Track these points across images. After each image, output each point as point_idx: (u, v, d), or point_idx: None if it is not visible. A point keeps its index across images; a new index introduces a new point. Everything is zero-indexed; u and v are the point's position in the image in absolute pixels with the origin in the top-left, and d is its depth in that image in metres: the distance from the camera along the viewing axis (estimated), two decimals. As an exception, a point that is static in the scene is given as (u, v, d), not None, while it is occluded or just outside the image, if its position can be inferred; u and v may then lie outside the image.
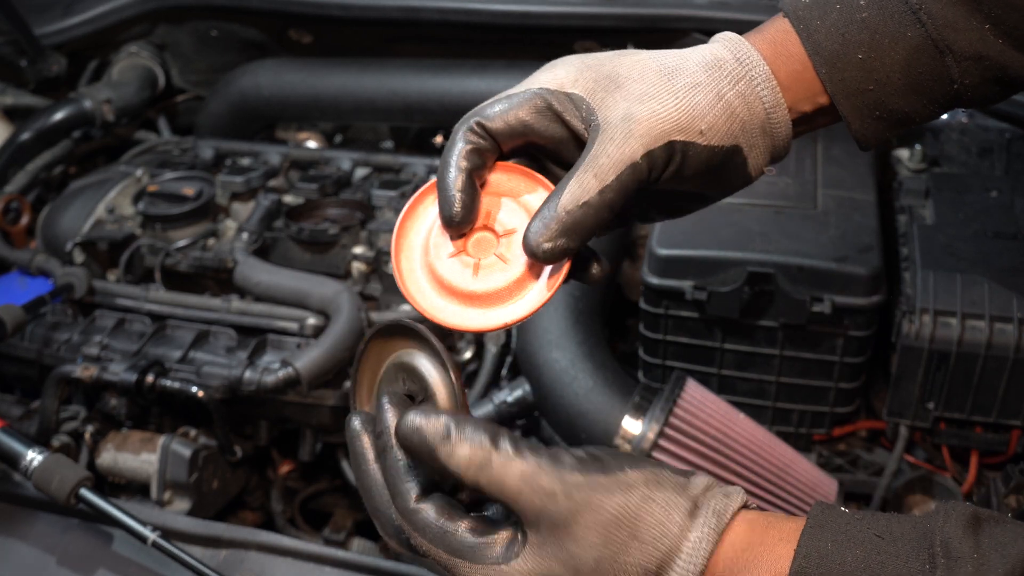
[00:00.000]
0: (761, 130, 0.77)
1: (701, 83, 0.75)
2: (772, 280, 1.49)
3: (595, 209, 0.71)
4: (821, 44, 0.77)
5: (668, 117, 0.73)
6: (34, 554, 1.30)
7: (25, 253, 1.89)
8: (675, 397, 1.46)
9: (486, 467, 0.67)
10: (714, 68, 0.76)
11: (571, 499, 0.66)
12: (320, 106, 2.24)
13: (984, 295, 1.44)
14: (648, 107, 0.74)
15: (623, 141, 0.72)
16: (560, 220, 0.71)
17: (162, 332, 1.70)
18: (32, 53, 2.25)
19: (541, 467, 0.67)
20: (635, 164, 0.72)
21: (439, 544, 0.69)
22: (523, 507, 0.67)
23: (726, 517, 0.68)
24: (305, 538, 1.67)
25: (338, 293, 1.67)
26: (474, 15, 2.06)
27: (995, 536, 0.63)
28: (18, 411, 1.64)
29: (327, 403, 1.62)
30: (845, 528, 0.65)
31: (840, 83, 0.77)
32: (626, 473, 0.68)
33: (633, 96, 0.74)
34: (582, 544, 0.66)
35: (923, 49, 0.76)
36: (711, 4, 1.91)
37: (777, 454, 1.47)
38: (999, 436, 1.50)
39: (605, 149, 0.72)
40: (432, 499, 0.70)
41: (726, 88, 0.76)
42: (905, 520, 0.66)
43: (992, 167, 1.76)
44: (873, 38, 0.76)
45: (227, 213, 1.97)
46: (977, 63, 0.76)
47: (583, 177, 0.72)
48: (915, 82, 0.77)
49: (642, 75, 0.75)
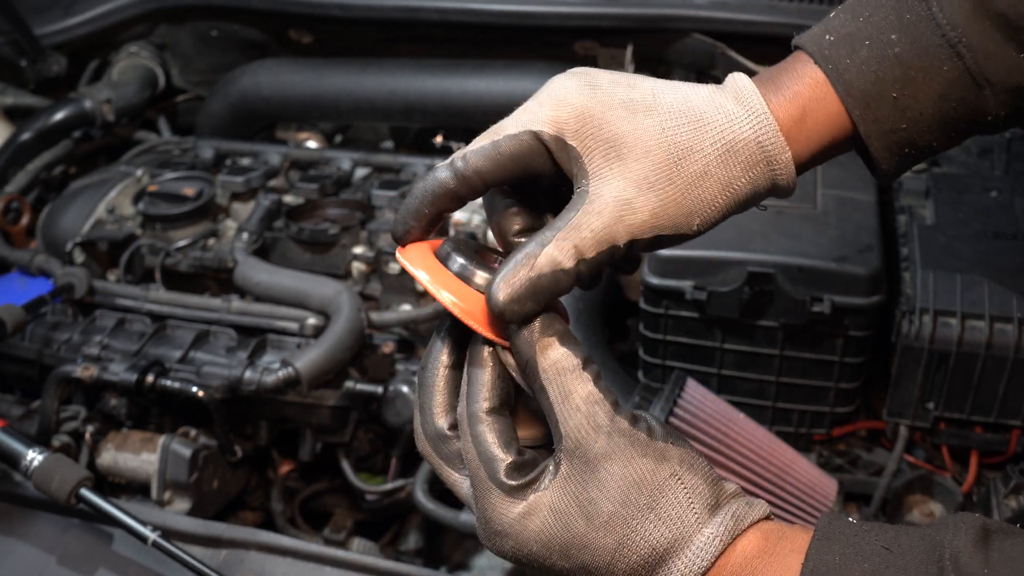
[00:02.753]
0: (761, 199, 0.75)
1: (710, 172, 0.70)
2: (772, 280, 1.49)
3: (567, 278, 0.69)
4: (853, 84, 0.72)
5: (664, 214, 0.70)
6: (34, 554, 1.30)
7: (25, 253, 1.89)
8: (675, 397, 1.46)
9: (565, 375, 0.68)
10: (730, 154, 0.70)
11: (611, 441, 0.67)
12: (320, 106, 2.24)
13: (984, 295, 1.44)
14: (646, 199, 0.69)
15: (612, 223, 0.69)
16: (531, 282, 0.68)
17: (162, 332, 1.70)
18: (32, 53, 2.25)
19: (604, 401, 0.68)
20: (616, 249, 0.70)
21: (484, 464, 0.69)
22: (571, 429, 0.67)
23: (744, 523, 0.67)
24: (305, 538, 1.67)
25: (338, 293, 1.67)
26: (474, 15, 2.06)
27: (1005, 551, 0.62)
28: (18, 411, 1.64)
29: (327, 403, 1.62)
30: (853, 540, 0.65)
31: (873, 124, 0.73)
32: (668, 446, 0.68)
33: (632, 177, 0.69)
34: (604, 492, 0.67)
35: (958, 83, 0.72)
36: (711, 4, 1.91)
37: (777, 454, 1.47)
38: (999, 436, 1.50)
39: (590, 223, 0.69)
40: (499, 417, 0.71)
41: (737, 176, 0.71)
42: (913, 532, 0.65)
43: (992, 167, 1.76)
44: (907, 74, 0.72)
45: (227, 213, 1.97)
46: (1014, 95, 0.73)
47: (563, 245, 0.68)
48: (947, 117, 0.74)
49: (647, 154, 0.70)
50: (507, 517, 0.69)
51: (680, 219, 0.71)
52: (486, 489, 0.69)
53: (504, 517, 0.69)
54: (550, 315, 0.70)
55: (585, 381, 0.68)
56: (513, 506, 0.69)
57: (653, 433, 0.68)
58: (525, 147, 0.71)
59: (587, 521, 0.67)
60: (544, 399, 0.69)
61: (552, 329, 0.69)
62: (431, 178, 0.72)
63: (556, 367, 0.68)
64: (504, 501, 0.69)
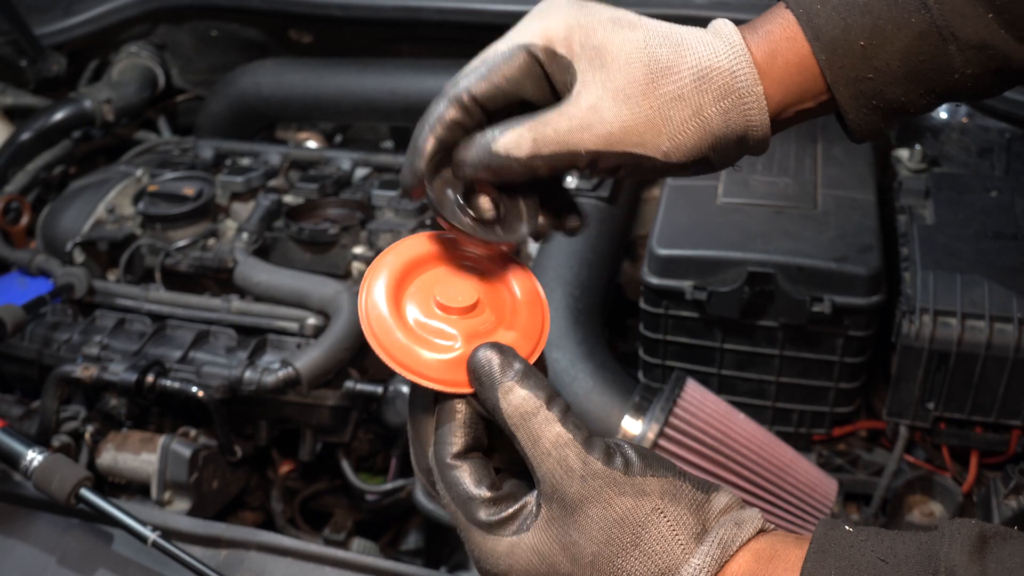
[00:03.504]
0: (736, 143, 0.75)
1: (684, 95, 0.72)
2: (772, 280, 1.49)
3: (519, 166, 0.71)
4: (821, 29, 0.74)
5: (633, 129, 0.71)
6: (34, 554, 1.30)
7: (25, 253, 1.90)
8: (675, 397, 1.45)
9: (530, 419, 0.67)
10: (704, 79, 0.72)
11: (585, 485, 0.66)
12: (320, 106, 2.24)
13: (984, 295, 1.44)
14: (619, 111, 0.71)
15: (578, 128, 0.71)
16: (488, 155, 0.71)
17: (162, 332, 1.70)
18: (32, 53, 2.25)
19: (574, 442, 0.67)
20: (577, 155, 0.71)
21: (460, 507, 0.70)
22: (544, 474, 0.67)
23: (732, 548, 0.66)
24: (305, 538, 1.67)
25: (338, 293, 1.67)
26: (474, 15, 2.07)
27: (1003, 560, 0.61)
28: (18, 411, 1.64)
29: (327, 403, 1.62)
30: (848, 552, 0.64)
31: (840, 70, 0.74)
32: (646, 479, 0.67)
33: (611, 86, 0.71)
34: (585, 535, 0.66)
35: (926, 36, 0.74)
36: (711, 4, 1.91)
37: (777, 454, 1.47)
38: (999, 436, 1.50)
39: (556, 123, 0.71)
40: (469, 459, 0.71)
41: (708, 104, 0.72)
42: (910, 540, 0.64)
43: (992, 167, 1.76)
44: (876, 24, 0.73)
45: (227, 213, 1.97)
46: (980, 52, 0.74)
47: (523, 133, 0.71)
48: (915, 70, 0.75)
49: (628, 64, 0.72)
50: (492, 556, 0.68)
51: (648, 137, 0.72)
52: (467, 529, 0.69)
53: (490, 556, 0.69)
54: (507, 354, 0.69)
55: (551, 423, 0.67)
56: (496, 544, 0.68)
57: (630, 467, 0.67)
58: (517, 64, 0.72)
59: (572, 563, 0.67)
60: (516, 444, 0.68)
61: (511, 370, 0.68)
62: (429, 114, 0.72)
63: (519, 412, 0.67)
64: (487, 539, 0.68)
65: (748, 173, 1.69)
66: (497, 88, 0.71)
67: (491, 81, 0.71)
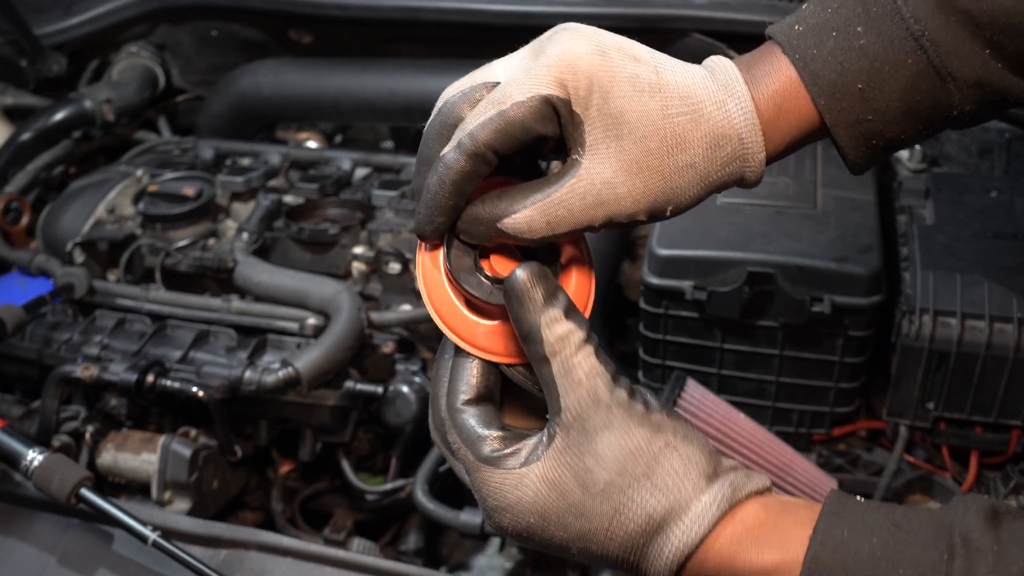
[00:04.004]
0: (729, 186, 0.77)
1: (695, 164, 0.72)
2: (772, 280, 1.49)
3: (532, 240, 0.71)
4: (819, 74, 0.74)
5: (644, 201, 0.72)
6: (34, 554, 1.30)
7: (25, 253, 1.89)
8: (675, 397, 1.45)
9: (569, 348, 0.68)
10: (715, 147, 0.72)
11: (609, 413, 0.68)
12: (320, 106, 2.24)
13: (984, 295, 1.44)
14: (632, 184, 0.71)
15: (592, 207, 0.71)
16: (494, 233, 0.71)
17: (162, 332, 1.70)
18: (32, 53, 2.25)
19: (605, 374, 0.69)
20: (590, 227, 0.72)
21: (469, 446, 0.71)
22: (571, 403, 0.68)
23: (741, 492, 0.68)
24: (305, 538, 1.67)
25: (338, 293, 1.67)
26: (474, 15, 2.06)
27: (1015, 531, 0.63)
28: (18, 411, 1.64)
29: (327, 403, 1.62)
30: (862, 517, 0.66)
31: (839, 114, 0.74)
32: (664, 418, 0.69)
33: (625, 158, 0.70)
34: (600, 462, 0.67)
35: (923, 76, 0.73)
36: (711, 4, 1.91)
37: (777, 454, 1.47)
38: (999, 436, 1.50)
39: (570, 203, 0.70)
40: (480, 405, 0.73)
41: (716, 169, 0.73)
42: (922, 511, 0.66)
43: (992, 167, 1.76)
44: (872, 66, 0.73)
45: (227, 213, 1.97)
46: (978, 90, 0.74)
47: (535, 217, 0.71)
48: (913, 109, 0.75)
49: (644, 139, 0.71)
50: (500, 490, 0.70)
51: (658, 206, 0.73)
52: (476, 468, 0.70)
53: (497, 491, 0.70)
54: (553, 286, 0.70)
55: (588, 355, 0.69)
56: (505, 476, 0.69)
57: (650, 406, 0.70)
58: (535, 113, 0.70)
59: (583, 490, 0.68)
60: (545, 371, 0.69)
61: (557, 300, 0.69)
62: (442, 167, 0.71)
63: (561, 341, 0.68)
64: (495, 475, 0.70)
65: (748, 173, 1.69)
66: (513, 138, 0.70)
67: (508, 133, 0.70)
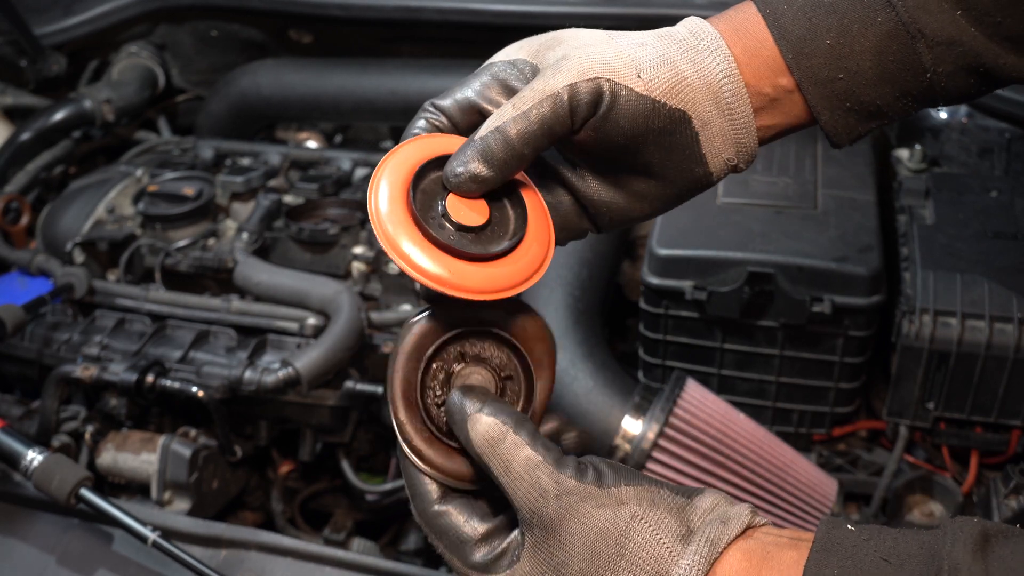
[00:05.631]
0: (715, 104, 0.73)
1: (647, 43, 0.74)
2: (772, 280, 1.49)
3: (510, 138, 0.69)
4: (787, 28, 0.74)
5: (602, 57, 0.71)
6: (34, 554, 1.30)
7: (25, 253, 1.90)
8: (675, 397, 1.46)
9: (498, 445, 0.67)
10: (664, 37, 0.75)
11: (560, 503, 0.66)
12: (320, 106, 2.24)
13: (984, 295, 1.44)
14: (584, 51, 0.72)
15: (550, 76, 0.70)
16: (472, 145, 0.70)
17: (162, 332, 1.70)
18: (32, 53, 2.25)
19: (545, 463, 0.67)
20: (556, 96, 0.69)
21: (455, 553, 0.70)
22: (520, 500, 0.67)
23: (720, 545, 0.65)
24: (305, 538, 1.67)
25: (338, 293, 1.67)
26: (474, 15, 2.06)
27: (1005, 559, 0.61)
28: (18, 411, 1.64)
29: (327, 403, 1.62)
30: (852, 552, 0.63)
31: (808, 70, 0.74)
32: (620, 488, 0.67)
33: (571, 46, 0.73)
34: (569, 553, 0.66)
35: (894, 35, 0.73)
36: (711, 4, 1.91)
37: (777, 454, 1.47)
38: (999, 436, 1.50)
39: (531, 85, 0.71)
40: (452, 502, 0.71)
41: (674, 52, 0.73)
42: (912, 539, 0.64)
43: (992, 167, 1.76)
44: (842, 23, 0.73)
45: (227, 213, 1.97)
46: (949, 49, 0.73)
47: (503, 108, 0.71)
48: (886, 71, 0.74)
49: (582, 33, 0.75)
50: None
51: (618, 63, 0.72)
52: (466, 574, 0.70)
53: None
54: (475, 391, 0.69)
55: (520, 447, 0.67)
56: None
57: (603, 479, 0.67)
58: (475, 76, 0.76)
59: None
60: (491, 475, 0.68)
61: (476, 397, 0.69)
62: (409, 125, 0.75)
63: (487, 439, 0.67)
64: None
65: (748, 173, 1.69)
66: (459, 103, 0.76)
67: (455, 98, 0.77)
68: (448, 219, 0.69)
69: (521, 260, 0.70)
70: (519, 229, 0.71)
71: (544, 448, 0.67)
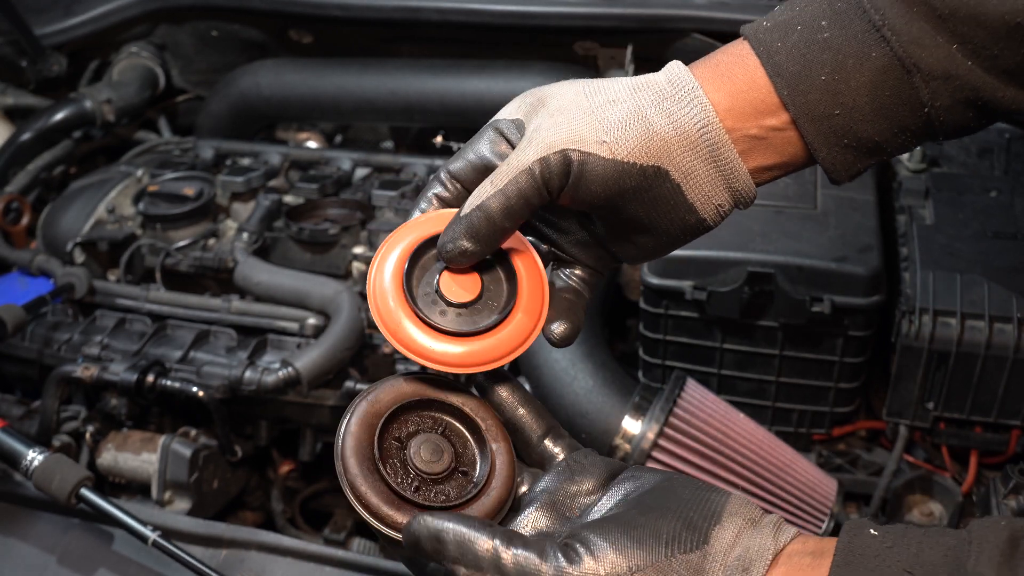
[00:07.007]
0: (694, 153, 0.73)
1: (620, 100, 0.74)
2: (772, 280, 1.49)
3: (492, 214, 0.72)
4: (782, 65, 0.73)
5: (567, 127, 0.73)
6: (35, 554, 1.30)
7: (25, 253, 1.90)
8: (675, 397, 1.46)
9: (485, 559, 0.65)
10: (640, 88, 0.75)
11: None
12: (320, 106, 2.24)
13: (984, 295, 1.44)
14: (554, 119, 0.74)
15: (523, 150, 0.73)
16: (459, 222, 0.74)
17: (162, 332, 1.70)
18: (32, 53, 2.25)
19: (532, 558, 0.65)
20: (529, 171, 0.72)
21: None
22: None
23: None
24: (305, 538, 1.67)
25: (338, 293, 1.67)
26: (474, 15, 2.07)
27: None
28: (18, 411, 1.64)
29: (327, 403, 1.62)
30: (875, 564, 0.62)
31: (804, 106, 0.73)
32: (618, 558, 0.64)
33: (548, 111, 0.75)
34: None
35: (889, 70, 0.72)
36: (711, 4, 1.91)
37: (777, 454, 1.47)
38: (999, 436, 1.50)
39: (508, 160, 0.74)
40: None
41: (648, 106, 0.73)
42: (937, 546, 0.62)
43: (992, 167, 1.76)
44: (836, 58, 0.73)
45: (227, 213, 1.98)
46: (946, 83, 0.72)
47: (483, 185, 0.74)
48: (883, 106, 0.73)
49: (563, 93, 0.76)
50: None
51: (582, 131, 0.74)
52: None
53: None
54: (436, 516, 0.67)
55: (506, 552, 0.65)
56: None
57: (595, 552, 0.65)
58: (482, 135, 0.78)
59: None
60: None
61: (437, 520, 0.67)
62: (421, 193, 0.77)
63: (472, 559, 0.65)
64: None
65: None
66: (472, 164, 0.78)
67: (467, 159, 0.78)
68: (440, 296, 0.75)
69: (505, 333, 0.75)
70: (508, 302, 0.76)
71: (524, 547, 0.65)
